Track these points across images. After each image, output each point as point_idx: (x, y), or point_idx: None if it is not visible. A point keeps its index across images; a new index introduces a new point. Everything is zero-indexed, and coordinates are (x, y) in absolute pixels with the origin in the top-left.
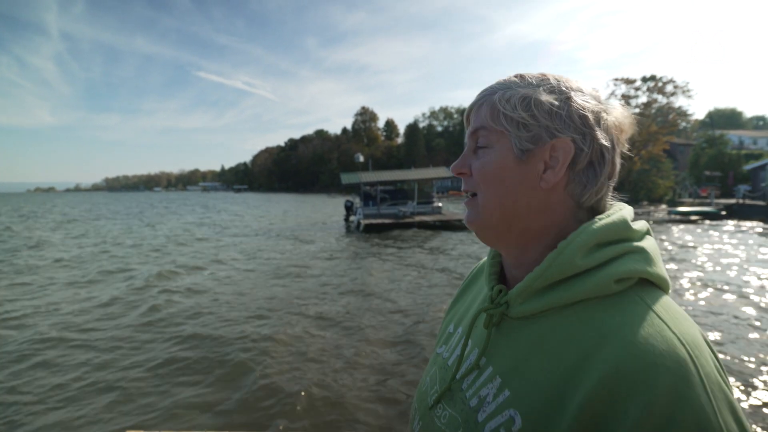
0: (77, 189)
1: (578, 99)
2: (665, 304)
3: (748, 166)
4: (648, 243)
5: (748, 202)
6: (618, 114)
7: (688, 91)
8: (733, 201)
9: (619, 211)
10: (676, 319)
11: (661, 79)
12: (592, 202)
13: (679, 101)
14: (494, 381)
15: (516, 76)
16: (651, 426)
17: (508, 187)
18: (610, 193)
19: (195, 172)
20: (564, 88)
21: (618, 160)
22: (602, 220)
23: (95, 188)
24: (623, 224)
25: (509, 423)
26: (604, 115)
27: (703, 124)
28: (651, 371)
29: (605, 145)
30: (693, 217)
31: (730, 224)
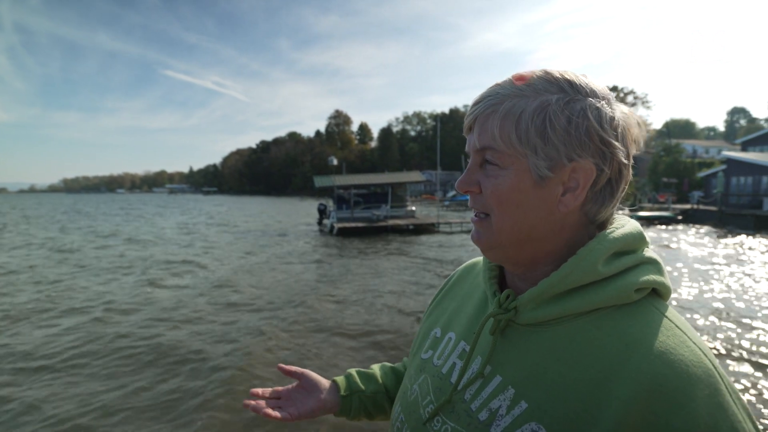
0: (32, 190)
1: (595, 112)
2: (676, 315)
3: (701, 174)
4: (656, 254)
5: (701, 207)
6: (630, 120)
7: (647, 101)
8: (688, 206)
9: (630, 221)
10: (689, 329)
11: (622, 89)
12: (605, 218)
13: (638, 111)
14: (506, 392)
15: (517, 79)
16: None
17: (525, 211)
18: (618, 205)
19: (161, 173)
20: (578, 96)
21: (631, 172)
22: (619, 230)
23: (52, 189)
24: (639, 235)
25: None
26: (620, 124)
27: (660, 134)
28: (688, 382)
29: (624, 162)
30: (653, 222)
31: (685, 228)
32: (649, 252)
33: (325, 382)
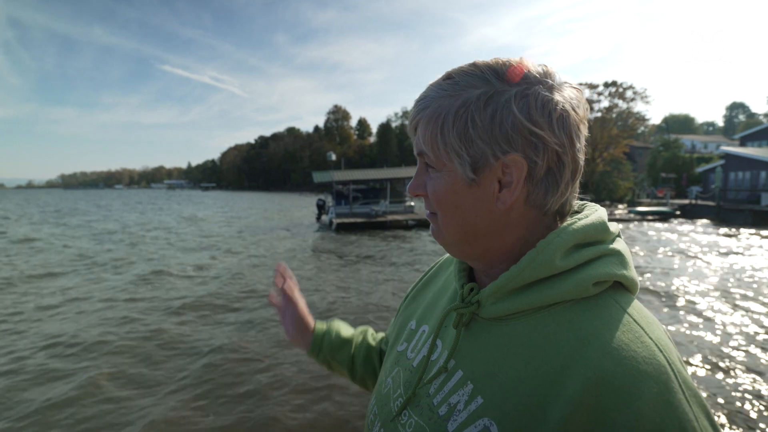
0: (30, 186)
1: (521, 102)
2: (638, 309)
3: (700, 169)
4: (621, 245)
5: (699, 202)
6: (571, 100)
7: (646, 96)
8: (686, 201)
9: (595, 212)
10: (650, 324)
11: (621, 85)
12: (557, 207)
13: (637, 106)
14: (465, 387)
15: (446, 79)
16: None
17: (464, 211)
18: (576, 193)
19: (160, 169)
20: (504, 87)
21: (580, 155)
22: (581, 221)
23: (50, 185)
24: (601, 226)
25: None
26: (555, 108)
27: (659, 129)
28: (636, 378)
29: (560, 149)
30: (650, 217)
31: (683, 223)
32: (616, 243)
33: (308, 323)
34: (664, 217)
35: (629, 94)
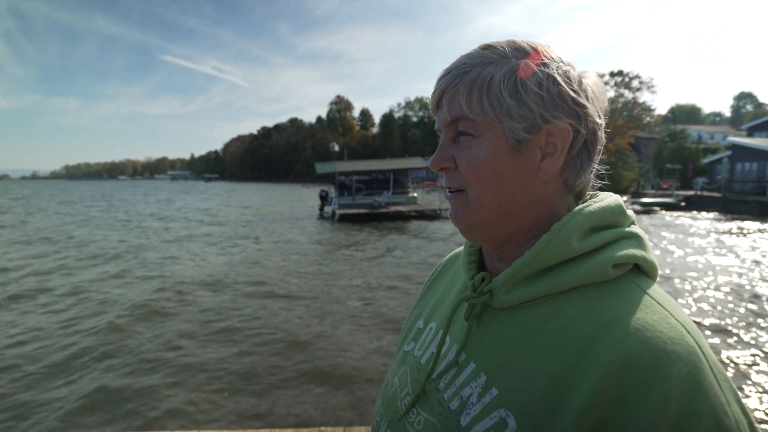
0: (34, 177)
1: (563, 74)
2: (660, 292)
3: (706, 160)
4: (639, 230)
5: (705, 194)
6: (596, 84)
7: (652, 86)
8: (692, 193)
9: (610, 196)
10: (675, 307)
11: (627, 74)
12: (582, 186)
13: (643, 96)
14: (478, 379)
15: (485, 48)
16: (668, 419)
17: (504, 182)
18: (593, 176)
19: (163, 160)
20: (545, 59)
21: (604, 135)
22: (597, 203)
23: (54, 176)
24: (619, 208)
25: (500, 426)
26: (588, 87)
27: (665, 119)
28: (664, 360)
29: (598, 123)
30: (655, 208)
31: (688, 215)
32: (634, 228)
33: None
34: (669, 208)
35: (635, 83)
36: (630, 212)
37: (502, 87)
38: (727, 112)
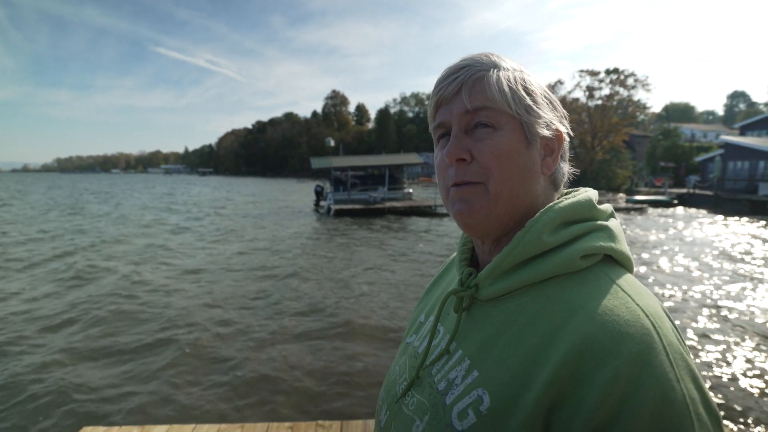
0: (25, 170)
1: (545, 86)
2: (628, 279)
3: (699, 158)
4: (612, 223)
5: (697, 192)
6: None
7: (647, 84)
8: (684, 191)
9: (585, 192)
10: (639, 293)
11: (623, 72)
12: (561, 185)
13: (638, 94)
14: (463, 363)
15: (491, 55)
16: (617, 392)
17: (522, 173)
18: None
19: (156, 153)
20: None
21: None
22: (568, 200)
23: (46, 169)
24: (588, 203)
25: (477, 402)
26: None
27: (659, 117)
28: (616, 339)
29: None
30: (648, 206)
31: (680, 212)
32: (608, 221)
33: None
34: (661, 205)
35: (630, 81)
36: (605, 206)
37: (518, 86)
38: (721, 111)
